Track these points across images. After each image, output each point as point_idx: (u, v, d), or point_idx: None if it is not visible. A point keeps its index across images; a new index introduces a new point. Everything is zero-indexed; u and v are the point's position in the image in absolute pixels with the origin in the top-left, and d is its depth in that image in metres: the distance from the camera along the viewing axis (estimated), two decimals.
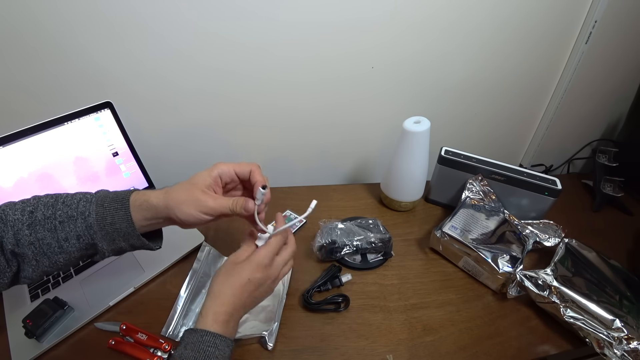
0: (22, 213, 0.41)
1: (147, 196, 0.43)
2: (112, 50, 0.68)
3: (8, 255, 0.40)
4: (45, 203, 0.42)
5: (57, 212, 0.42)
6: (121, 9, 0.64)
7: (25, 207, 0.42)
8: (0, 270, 0.40)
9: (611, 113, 0.95)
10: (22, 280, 0.42)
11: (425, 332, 0.56)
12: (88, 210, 0.42)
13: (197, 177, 0.45)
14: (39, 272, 0.42)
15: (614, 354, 0.49)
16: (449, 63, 0.81)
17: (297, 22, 0.69)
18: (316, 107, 0.83)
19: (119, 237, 0.43)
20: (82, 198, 0.43)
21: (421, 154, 0.70)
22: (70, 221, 0.41)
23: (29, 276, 0.42)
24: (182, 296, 0.58)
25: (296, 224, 0.65)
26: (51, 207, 0.42)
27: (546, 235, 0.66)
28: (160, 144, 0.83)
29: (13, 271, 0.41)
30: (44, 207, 0.42)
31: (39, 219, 0.41)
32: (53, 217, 0.41)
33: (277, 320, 0.55)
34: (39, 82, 0.69)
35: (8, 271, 0.40)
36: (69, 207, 0.42)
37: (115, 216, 0.42)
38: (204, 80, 0.75)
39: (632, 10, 0.76)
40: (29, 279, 0.42)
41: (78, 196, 0.44)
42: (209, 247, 0.65)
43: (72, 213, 0.42)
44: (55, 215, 0.41)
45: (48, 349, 0.52)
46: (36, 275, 0.42)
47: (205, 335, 0.40)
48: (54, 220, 0.41)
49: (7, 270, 0.40)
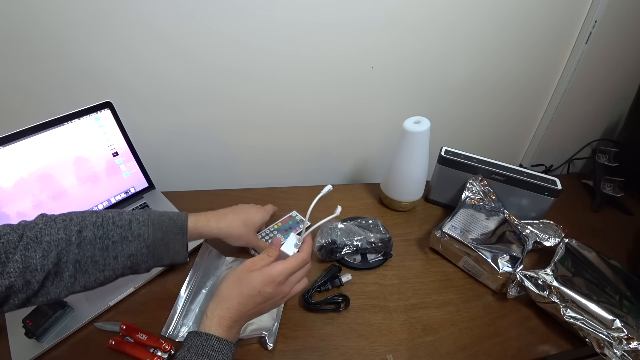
0: (68, 232, 0.42)
1: (206, 221, 0.53)
2: (112, 50, 0.68)
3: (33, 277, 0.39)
4: (94, 223, 0.44)
5: (109, 232, 0.44)
6: (121, 8, 0.64)
7: (69, 226, 0.42)
8: (14, 291, 0.38)
9: (611, 113, 0.95)
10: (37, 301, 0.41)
11: (425, 332, 0.56)
12: (147, 232, 0.46)
13: (253, 218, 0.59)
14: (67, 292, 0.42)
15: (614, 354, 0.49)
16: (449, 63, 0.81)
17: (297, 22, 0.69)
18: (316, 107, 0.83)
19: (168, 256, 0.48)
20: (133, 219, 0.46)
21: (421, 154, 0.70)
22: (124, 242, 0.44)
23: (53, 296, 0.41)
24: (182, 296, 0.58)
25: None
26: (101, 228, 0.44)
27: (546, 235, 0.66)
28: (160, 144, 0.83)
29: (29, 294, 0.39)
30: (92, 226, 0.43)
31: (89, 238, 0.43)
32: (105, 237, 0.43)
33: (277, 320, 0.55)
34: (39, 81, 0.69)
35: (23, 292, 0.39)
36: (122, 228, 0.45)
37: (173, 240, 0.47)
38: (203, 81, 0.75)
39: (632, 10, 0.76)
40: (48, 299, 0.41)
41: (127, 217, 0.46)
42: (209, 247, 0.65)
43: (126, 234, 0.44)
44: (108, 235, 0.44)
45: (48, 349, 0.52)
46: (63, 295, 0.42)
47: (209, 339, 0.40)
48: (107, 240, 0.43)
49: (22, 291, 0.39)
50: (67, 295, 0.43)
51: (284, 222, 0.72)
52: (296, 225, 0.72)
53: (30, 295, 0.40)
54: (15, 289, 0.38)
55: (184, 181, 0.89)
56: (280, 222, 0.72)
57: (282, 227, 0.71)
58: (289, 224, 0.72)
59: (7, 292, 0.38)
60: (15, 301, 0.39)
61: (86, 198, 0.66)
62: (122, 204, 0.72)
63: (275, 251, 0.48)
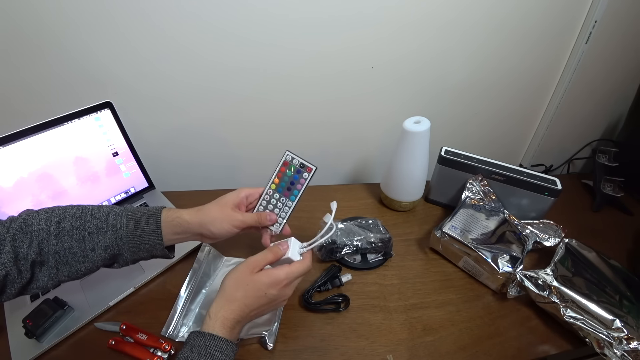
0: (47, 223, 0.43)
1: (179, 213, 0.49)
2: (112, 50, 0.68)
3: (24, 266, 0.41)
4: (73, 214, 0.44)
5: (86, 223, 0.44)
6: (122, 7, 0.64)
7: (50, 218, 0.43)
8: (10, 281, 0.40)
9: (611, 113, 0.95)
10: (32, 290, 0.43)
11: (425, 332, 0.56)
12: (120, 223, 0.45)
13: (226, 197, 0.51)
14: (55, 281, 0.43)
15: (614, 354, 0.49)
16: (449, 63, 0.81)
17: (297, 21, 0.69)
18: (316, 106, 0.83)
19: (144, 248, 0.47)
20: (111, 212, 0.46)
21: (421, 154, 0.70)
22: (100, 233, 0.44)
23: (43, 285, 0.43)
24: (182, 296, 0.58)
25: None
26: (79, 219, 0.44)
27: (546, 235, 0.66)
28: (160, 144, 0.83)
29: (23, 282, 0.41)
30: (71, 218, 0.44)
31: (67, 229, 0.43)
32: (82, 228, 0.44)
33: (277, 320, 0.55)
34: (39, 81, 0.69)
35: (18, 281, 0.41)
36: (98, 219, 0.45)
37: (145, 229, 0.46)
38: (203, 80, 0.75)
39: (632, 10, 0.76)
40: (41, 288, 0.43)
41: (105, 209, 0.46)
42: (208, 247, 0.65)
43: (102, 225, 0.45)
44: (85, 227, 0.44)
45: (48, 349, 0.52)
46: (51, 284, 0.43)
47: (212, 339, 0.40)
48: (83, 231, 0.44)
49: (16, 281, 0.40)
50: (57, 285, 0.45)
51: (280, 177, 0.53)
52: (297, 175, 0.53)
53: (24, 283, 0.41)
54: (11, 278, 0.40)
55: (184, 181, 0.89)
56: (276, 179, 0.53)
57: (280, 184, 0.53)
58: (288, 176, 0.53)
59: (4, 281, 0.40)
60: (12, 290, 0.41)
61: (86, 198, 0.66)
62: (122, 204, 0.72)
63: (279, 251, 0.48)
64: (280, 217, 0.53)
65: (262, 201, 0.54)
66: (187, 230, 0.48)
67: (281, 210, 0.53)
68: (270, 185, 0.53)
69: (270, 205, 0.53)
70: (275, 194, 0.53)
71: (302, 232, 0.72)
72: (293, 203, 0.53)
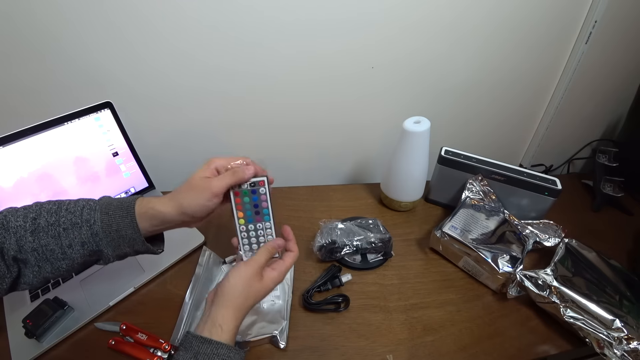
0: (25, 220, 0.41)
1: (152, 203, 0.44)
2: (112, 50, 0.68)
3: (9, 261, 0.40)
4: (48, 210, 0.43)
5: (60, 219, 0.42)
6: (122, 8, 0.64)
7: (27, 214, 0.42)
8: (0, 276, 0.40)
9: (611, 113, 0.95)
10: (22, 286, 0.42)
11: (425, 332, 0.56)
12: (93, 218, 0.43)
13: (194, 175, 0.47)
14: (40, 278, 0.42)
15: (614, 354, 0.49)
16: (449, 63, 0.81)
17: (297, 21, 0.69)
18: (316, 107, 0.83)
19: (124, 243, 0.44)
20: (86, 205, 0.44)
21: (421, 154, 0.70)
22: (75, 228, 0.42)
23: (30, 282, 0.42)
24: (187, 302, 0.58)
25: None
26: (54, 214, 0.42)
27: (546, 235, 0.66)
28: (160, 144, 0.83)
29: (13, 277, 0.41)
30: (47, 213, 0.42)
31: (42, 225, 0.41)
32: (57, 224, 0.42)
33: (286, 319, 0.55)
34: (39, 81, 0.69)
35: (8, 276, 0.40)
36: (73, 214, 0.43)
37: (120, 223, 0.43)
38: (204, 80, 0.75)
39: (632, 11, 0.76)
40: (29, 284, 0.42)
41: (81, 203, 0.44)
42: (209, 251, 0.65)
43: (76, 220, 0.42)
44: (59, 222, 0.42)
45: (48, 349, 0.52)
46: (37, 282, 0.42)
47: (220, 348, 0.39)
48: (58, 227, 0.42)
49: (6, 276, 0.40)
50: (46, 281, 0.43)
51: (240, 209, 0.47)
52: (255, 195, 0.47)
53: (14, 277, 0.41)
54: (2, 272, 0.40)
55: (184, 180, 0.89)
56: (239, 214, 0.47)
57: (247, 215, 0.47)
58: (247, 202, 0.47)
59: None
60: (4, 286, 0.40)
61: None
62: None
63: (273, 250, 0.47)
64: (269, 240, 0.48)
65: (242, 241, 0.48)
66: (165, 221, 0.44)
67: (266, 237, 0.48)
68: (238, 222, 0.47)
69: (252, 239, 0.48)
70: (250, 226, 0.48)
71: (302, 232, 0.72)
72: (271, 222, 0.48)
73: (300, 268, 0.65)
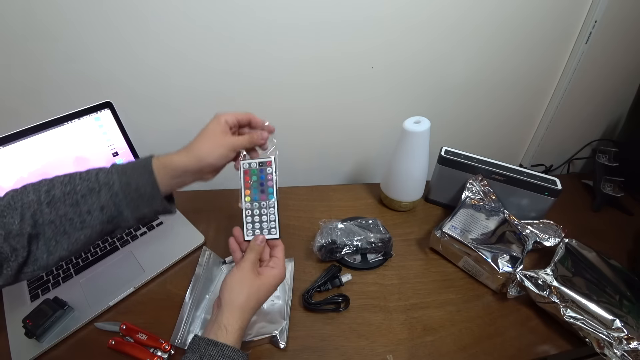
0: (37, 193, 0.41)
1: (169, 157, 0.46)
2: (112, 51, 0.68)
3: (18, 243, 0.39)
4: (61, 181, 0.42)
5: (76, 187, 0.42)
6: (122, 9, 0.64)
7: (39, 188, 0.41)
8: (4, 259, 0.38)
9: (611, 113, 0.95)
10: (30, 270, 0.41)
11: (425, 332, 0.56)
12: (112, 179, 0.43)
13: (209, 127, 0.49)
14: (55, 256, 0.41)
15: (614, 354, 0.49)
16: (449, 63, 0.81)
17: (297, 22, 0.69)
18: (316, 107, 0.83)
19: (143, 203, 0.44)
20: (99, 171, 0.44)
21: (421, 154, 0.70)
22: (92, 193, 0.42)
23: (43, 263, 0.41)
24: (187, 303, 0.58)
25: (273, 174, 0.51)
26: (68, 184, 0.42)
27: (546, 235, 0.66)
28: (160, 144, 0.82)
29: (19, 261, 0.39)
30: (60, 184, 0.42)
31: (58, 196, 0.41)
32: (73, 192, 0.42)
33: (286, 319, 0.55)
34: (39, 81, 0.70)
35: (13, 260, 0.39)
36: (88, 181, 0.43)
37: (140, 181, 0.44)
38: (204, 81, 0.75)
39: (632, 11, 0.76)
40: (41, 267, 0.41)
41: (93, 170, 0.44)
42: (209, 251, 0.65)
43: (93, 185, 0.42)
44: (76, 190, 0.42)
45: (48, 349, 0.52)
46: (51, 261, 0.41)
47: (226, 350, 0.40)
48: (75, 195, 0.41)
49: (11, 259, 0.39)
50: (56, 262, 0.42)
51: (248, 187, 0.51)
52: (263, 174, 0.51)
53: (21, 262, 0.39)
54: (4, 256, 0.38)
55: None
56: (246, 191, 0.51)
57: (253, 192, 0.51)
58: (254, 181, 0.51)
59: None
60: (9, 271, 0.39)
61: None
62: None
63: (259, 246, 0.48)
64: (271, 220, 0.50)
65: (246, 218, 0.50)
66: (185, 171, 0.46)
67: (269, 215, 0.50)
68: (245, 199, 0.51)
69: (256, 216, 0.50)
70: (255, 203, 0.50)
71: (302, 232, 0.72)
72: (274, 200, 0.50)
73: (300, 268, 0.65)
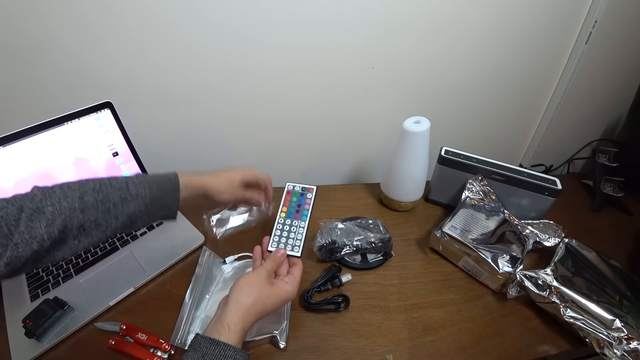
0: (70, 200, 0.42)
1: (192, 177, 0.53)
2: (111, 50, 0.68)
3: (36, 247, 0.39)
4: (92, 188, 0.45)
5: (109, 195, 0.45)
6: (122, 8, 0.64)
7: (70, 194, 0.43)
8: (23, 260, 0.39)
9: (611, 113, 0.95)
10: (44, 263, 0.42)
11: (425, 332, 0.56)
12: (144, 192, 0.47)
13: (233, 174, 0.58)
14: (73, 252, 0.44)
15: (614, 354, 0.49)
16: (449, 64, 0.81)
17: (297, 22, 0.69)
18: (316, 106, 0.83)
19: (160, 212, 0.50)
20: (129, 181, 0.47)
21: (421, 154, 0.70)
22: (124, 202, 0.46)
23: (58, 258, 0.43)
24: (187, 303, 0.57)
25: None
26: (100, 192, 0.45)
27: (546, 235, 0.66)
28: (160, 144, 0.83)
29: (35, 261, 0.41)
30: (92, 191, 0.44)
31: (91, 203, 0.44)
32: (106, 200, 0.45)
33: (287, 319, 0.55)
34: (38, 82, 0.69)
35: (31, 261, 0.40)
36: (120, 190, 0.46)
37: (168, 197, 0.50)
38: (203, 81, 0.75)
39: (632, 11, 0.76)
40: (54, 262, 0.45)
41: (122, 180, 0.47)
42: (209, 251, 0.65)
43: (125, 195, 0.46)
44: (108, 198, 0.45)
45: (48, 349, 0.52)
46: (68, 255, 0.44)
47: (227, 349, 0.40)
48: (108, 203, 0.45)
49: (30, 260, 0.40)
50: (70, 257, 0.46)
51: (287, 204, 0.59)
52: (302, 198, 0.60)
53: (36, 261, 0.41)
54: (24, 258, 0.39)
55: None
56: (284, 207, 0.59)
57: (289, 210, 0.59)
58: (294, 201, 0.60)
59: (16, 262, 0.39)
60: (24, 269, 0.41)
61: None
62: None
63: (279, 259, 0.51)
64: (297, 239, 0.55)
65: (275, 231, 0.56)
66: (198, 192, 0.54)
67: (296, 234, 0.55)
68: (280, 214, 0.58)
69: (284, 232, 0.56)
70: (287, 220, 0.57)
71: None
72: (305, 222, 0.56)
73: None
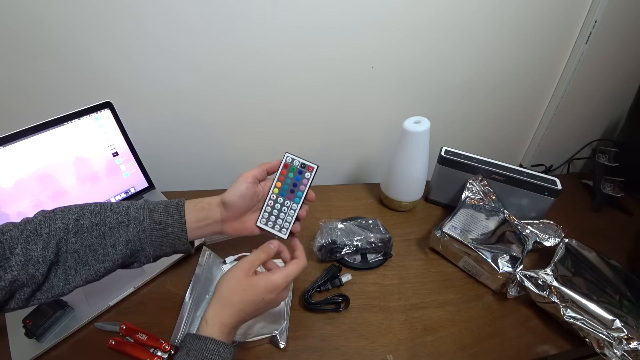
0: (66, 221, 0.41)
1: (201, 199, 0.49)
2: (112, 51, 0.68)
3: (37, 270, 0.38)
4: (91, 211, 0.43)
5: (106, 218, 0.42)
6: (121, 10, 0.64)
7: (67, 215, 0.41)
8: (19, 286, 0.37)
9: (611, 113, 0.95)
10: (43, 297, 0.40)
11: (425, 332, 0.56)
12: (142, 215, 0.44)
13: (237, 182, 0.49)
14: (71, 285, 0.41)
15: (614, 354, 0.49)
16: (449, 63, 0.81)
17: (297, 23, 0.69)
18: (316, 107, 0.83)
19: (167, 243, 0.45)
20: (131, 205, 0.45)
21: (421, 154, 0.70)
22: (121, 227, 0.43)
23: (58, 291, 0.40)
24: (187, 303, 0.57)
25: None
26: (98, 215, 0.42)
27: (546, 235, 0.66)
28: (160, 144, 0.83)
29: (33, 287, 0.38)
30: (90, 214, 0.42)
31: (86, 226, 0.41)
32: (102, 224, 0.42)
33: (287, 319, 0.55)
34: (39, 82, 0.69)
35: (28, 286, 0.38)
36: (118, 214, 0.43)
37: (169, 221, 0.45)
38: (204, 82, 0.75)
39: (632, 11, 0.76)
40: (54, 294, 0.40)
41: (125, 204, 0.45)
42: (209, 251, 0.65)
43: (123, 219, 0.43)
44: (105, 222, 0.42)
45: (48, 349, 0.52)
46: (67, 290, 0.41)
47: (209, 342, 0.40)
48: (103, 227, 0.42)
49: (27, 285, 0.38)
50: (70, 291, 0.42)
51: (282, 180, 0.51)
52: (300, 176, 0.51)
53: (35, 289, 0.39)
54: (20, 282, 0.38)
55: (184, 181, 0.89)
56: (278, 183, 0.51)
57: (283, 187, 0.51)
58: (290, 178, 0.51)
59: (11, 286, 0.37)
60: (21, 295, 0.38)
61: (86, 198, 0.66)
62: None
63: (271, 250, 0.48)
64: (287, 221, 0.51)
65: (266, 207, 0.51)
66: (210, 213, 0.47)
67: (286, 215, 0.51)
68: (273, 189, 0.51)
69: (275, 210, 0.51)
70: (279, 198, 0.51)
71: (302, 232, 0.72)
72: (298, 205, 0.51)
73: None
